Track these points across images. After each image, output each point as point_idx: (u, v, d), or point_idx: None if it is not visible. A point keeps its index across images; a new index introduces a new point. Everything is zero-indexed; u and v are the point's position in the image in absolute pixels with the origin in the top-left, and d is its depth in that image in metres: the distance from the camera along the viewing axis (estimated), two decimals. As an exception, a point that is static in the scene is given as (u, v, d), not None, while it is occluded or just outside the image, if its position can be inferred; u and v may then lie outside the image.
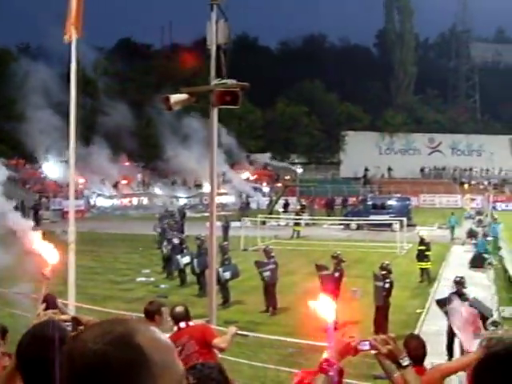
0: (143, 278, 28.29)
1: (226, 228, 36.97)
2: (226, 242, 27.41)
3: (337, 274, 19.93)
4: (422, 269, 27.33)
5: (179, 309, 8.97)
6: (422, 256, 27.50)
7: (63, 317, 4.53)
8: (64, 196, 52.63)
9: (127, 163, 69.33)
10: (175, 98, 9.14)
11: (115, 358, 1.61)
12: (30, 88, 57.07)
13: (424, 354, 7.16)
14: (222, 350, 8.83)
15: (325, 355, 3.92)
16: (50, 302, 11.05)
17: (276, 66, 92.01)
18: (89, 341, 1.64)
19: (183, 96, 9.31)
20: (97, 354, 1.61)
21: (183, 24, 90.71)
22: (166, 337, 1.77)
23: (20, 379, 3.75)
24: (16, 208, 52.95)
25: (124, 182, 66.51)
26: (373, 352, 4.04)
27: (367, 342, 3.99)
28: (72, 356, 1.66)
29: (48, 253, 8.08)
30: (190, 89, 9.73)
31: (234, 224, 38.75)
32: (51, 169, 61.69)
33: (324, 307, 4.18)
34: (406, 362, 4.04)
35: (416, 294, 24.37)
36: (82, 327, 3.66)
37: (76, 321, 3.73)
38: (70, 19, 13.97)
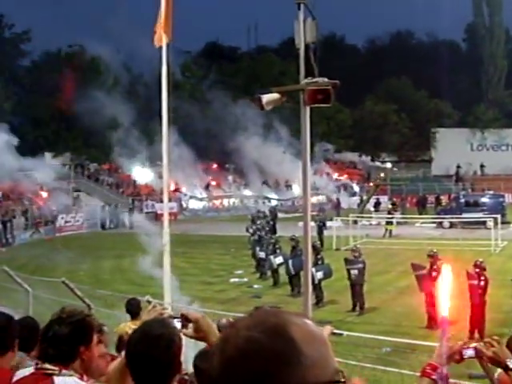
0: (236, 279, 28.53)
1: (320, 228, 36.98)
2: (318, 242, 27.35)
3: (434, 274, 19.58)
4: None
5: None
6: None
7: (172, 313, 4.59)
8: (157, 199, 53.59)
9: (216, 165, 70.09)
10: (267, 97, 9.19)
11: (267, 346, 1.64)
12: (120, 93, 58.31)
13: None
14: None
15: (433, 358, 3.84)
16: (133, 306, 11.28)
17: (363, 64, 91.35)
18: (243, 328, 1.70)
19: (275, 96, 9.35)
20: (249, 340, 1.66)
21: (269, 25, 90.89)
22: (320, 331, 1.78)
23: (130, 375, 3.88)
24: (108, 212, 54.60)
25: (213, 183, 67.28)
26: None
27: (472, 348, 3.86)
28: (225, 340, 1.72)
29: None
30: (281, 88, 9.77)
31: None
32: (143, 172, 62.90)
33: (441, 301, 4.08)
34: None
35: (513, 292, 23.80)
36: (190, 324, 3.71)
37: (184, 317, 3.77)
38: (160, 24, 14.23)
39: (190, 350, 5.53)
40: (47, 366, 4.16)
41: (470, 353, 3.85)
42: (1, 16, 73.03)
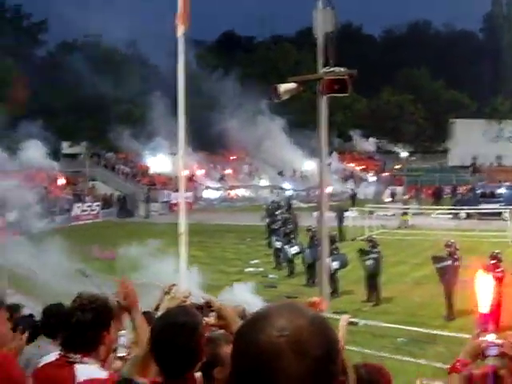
0: (252, 269, 28.56)
1: (340, 218, 36.88)
2: (334, 232, 27.30)
3: (456, 263, 19.49)
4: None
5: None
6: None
7: (195, 302, 4.67)
8: (172, 188, 53.69)
9: (234, 156, 70.16)
10: (284, 87, 9.18)
11: (316, 335, 1.66)
12: (139, 82, 58.46)
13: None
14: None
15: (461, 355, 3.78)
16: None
17: (380, 54, 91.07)
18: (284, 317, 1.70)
19: (291, 85, 9.33)
20: (297, 327, 1.67)
21: (285, 15, 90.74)
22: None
23: (154, 363, 3.92)
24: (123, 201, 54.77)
25: (229, 172, 67.42)
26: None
27: (495, 347, 3.69)
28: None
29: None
30: (298, 78, 9.76)
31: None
32: (159, 162, 63.05)
33: (482, 290, 4.02)
34: None
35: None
36: (213, 312, 3.77)
37: (208, 305, 3.83)
38: (179, 14, 14.19)
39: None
40: (70, 353, 4.21)
41: (493, 352, 3.76)
42: (18, 6, 73.44)
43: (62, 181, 54.20)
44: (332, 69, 9.24)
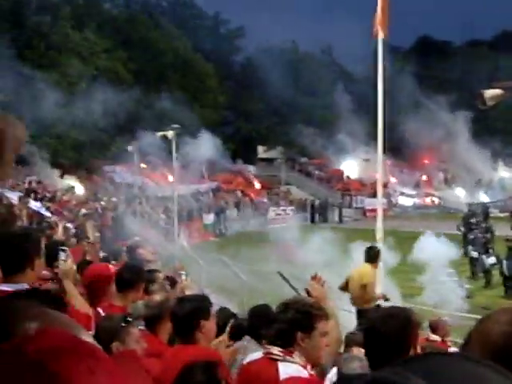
0: (447, 278, 27.93)
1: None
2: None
3: None
4: None
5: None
6: None
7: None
8: (366, 194, 53.57)
9: (427, 161, 68.89)
10: (489, 93, 8.95)
11: None
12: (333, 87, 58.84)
13: None
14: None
15: None
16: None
17: None
18: (503, 323, 1.76)
19: (498, 91, 9.09)
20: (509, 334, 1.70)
21: (484, 20, 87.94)
22: None
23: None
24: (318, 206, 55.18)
25: (424, 178, 66.29)
26: None
27: None
28: (486, 334, 1.75)
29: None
30: (504, 84, 9.49)
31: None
32: (352, 167, 63.12)
33: None
34: None
35: None
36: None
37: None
38: (378, 19, 14.21)
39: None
40: (275, 351, 4.36)
41: None
42: (217, 13, 76.11)
43: (257, 185, 55.49)
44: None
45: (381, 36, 14.23)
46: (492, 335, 1.71)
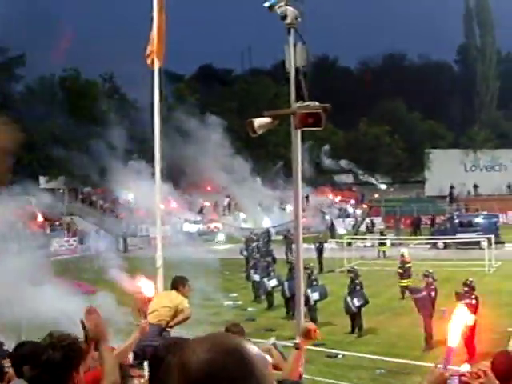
0: (230, 302, 28.47)
1: (320, 250, 36.94)
2: (311, 264, 27.36)
3: (433, 294, 19.64)
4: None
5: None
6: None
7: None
8: (150, 223, 53.46)
9: (209, 188, 69.90)
10: (259, 121, 9.21)
11: (229, 366, 1.73)
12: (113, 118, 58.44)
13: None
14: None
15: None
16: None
17: (357, 86, 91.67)
18: (201, 351, 1.77)
19: (266, 120, 9.37)
20: (210, 362, 1.73)
21: (262, 48, 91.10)
22: (262, 352, 1.86)
23: None
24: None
25: (207, 204, 67.24)
26: None
27: (456, 378, 3.81)
28: (184, 364, 1.77)
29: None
30: (272, 112, 9.80)
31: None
32: (138, 195, 62.75)
33: (453, 328, 4.00)
34: None
35: (507, 312, 23.69)
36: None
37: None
38: (153, 47, 14.27)
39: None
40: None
41: (454, 382, 3.78)
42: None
43: (40, 217, 53.84)
44: (306, 103, 9.29)
45: (158, 65, 14.29)
46: (192, 365, 1.74)
